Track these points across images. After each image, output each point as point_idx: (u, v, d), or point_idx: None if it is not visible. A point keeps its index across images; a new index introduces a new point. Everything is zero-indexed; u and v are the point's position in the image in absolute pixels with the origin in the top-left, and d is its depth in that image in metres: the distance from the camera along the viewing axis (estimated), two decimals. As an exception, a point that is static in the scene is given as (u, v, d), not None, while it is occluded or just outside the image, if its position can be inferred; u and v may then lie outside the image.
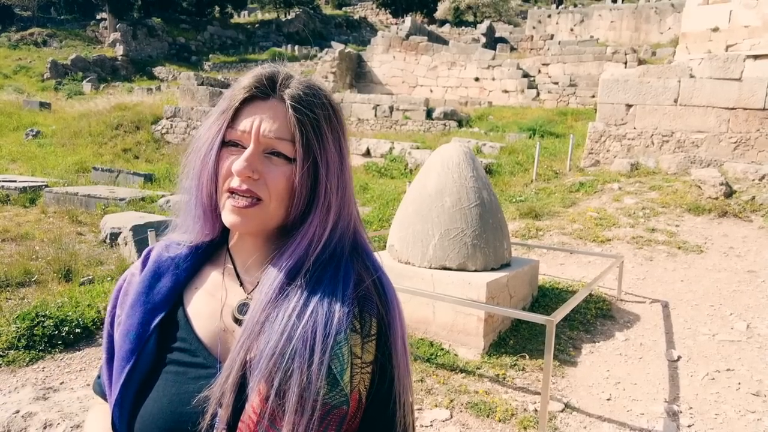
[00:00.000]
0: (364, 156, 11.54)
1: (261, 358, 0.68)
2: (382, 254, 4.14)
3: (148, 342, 0.76)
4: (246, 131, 0.73)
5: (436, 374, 3.18)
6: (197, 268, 0.83)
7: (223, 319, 0.77)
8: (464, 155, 3.77)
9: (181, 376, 0.74)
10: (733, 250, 5.50)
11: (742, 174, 7.27)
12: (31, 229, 6.25)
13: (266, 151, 0.73)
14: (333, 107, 0.78)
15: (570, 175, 8.79)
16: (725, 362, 3.47)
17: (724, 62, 8.16)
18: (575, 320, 4.01)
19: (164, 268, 0.82)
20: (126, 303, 0.80)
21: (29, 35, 26.10)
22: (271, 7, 36.03)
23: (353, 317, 0.73)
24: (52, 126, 13.74)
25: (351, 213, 0.80)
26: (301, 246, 0.75)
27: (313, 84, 0.77)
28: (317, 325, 0.69)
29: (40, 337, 3.50)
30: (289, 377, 0.67)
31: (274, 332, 0.69)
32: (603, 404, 3.01)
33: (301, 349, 0.68)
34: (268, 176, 0.73)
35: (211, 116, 0.77)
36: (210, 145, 0.75)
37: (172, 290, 0.80)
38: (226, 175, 0.74)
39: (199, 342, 0.76)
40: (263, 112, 0.74)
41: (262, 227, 0.75)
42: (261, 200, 0.73)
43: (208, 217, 0.79)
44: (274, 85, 0.75)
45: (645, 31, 23.91)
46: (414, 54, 19.53)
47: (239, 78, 0.79)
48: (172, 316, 0.79)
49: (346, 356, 0.70)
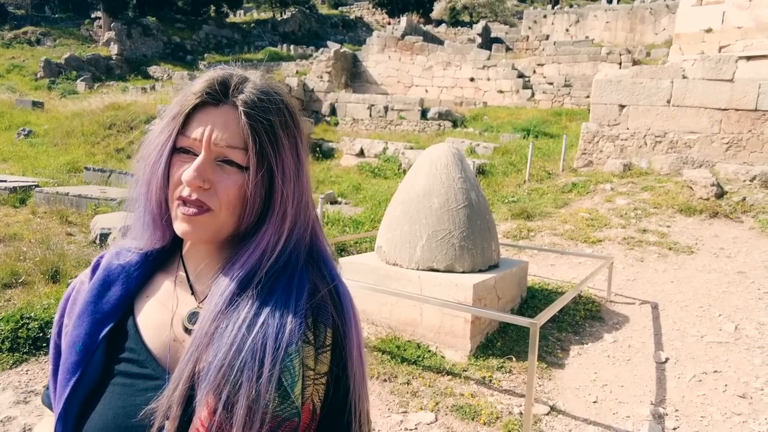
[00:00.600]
0: (358, 156, 11.52)
1: (209, 369, 0.66)
2: (370, 255, 4.12)
3: (96, 353, 0.74)
4: (197, 139, 0.71)
5: (422, 376, 3.16)
6: (149, 276, 0.81)
7: (173, 328, 0.75)
8: (452, 156, 3.76)
9: (128, 388, 0.72)
10: (724, 251, 5.51)
11: (733, 175, 7.28)
12: (19, 229, 6.20)
13: (218, 159, 0.71)
14: (290, 111, 0.76)
15: (563, 175, 8.79)
16: (712, 364, 3.46)
17: (716, 63, 8.18)
18: (564, 322, 4.01)
19: (114, 277, 0.79)
20: (74, 312, 0.78)
21: (23, 34, 25.95)
22: (267, 7, 35.96)
23: (306, 328, 0.71)
24: (44, 125, 13.66)
25: (308, 219, 0.79)
26: (254, 256, 0.73)
27: (269, 88, 0.75)
28: (267, 337, 0.68)
29: (24, 339, 3.47)
30: (237, 390, 0.65)
31: (223, 344, 0.68)
32: (589, 407, 3.00)
33: (250, 362, 0.66)
34: (219, 185, 0.71)
35: (161, 121, 0.75)
36: (160, 152, 0.73)
37: (121, 299, 0.78)
38: (176, 184, 0.72)
39: (147, 352, 0.74)
40: (215, 118, 0.72)
41: (214, 236, 0.74)
42: (211, 209, 0.72)
43: (158, 225, 0.78)
44: (227, 90, 0.73)
45: (640, 32, 23.97)
46: (409, 54, 19.52)
47: (192, 81, 0.76)
48: (121, 326, 0.77)
49: (297, 368, 0.68)
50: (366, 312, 3.78)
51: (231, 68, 0.77)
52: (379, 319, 3.74)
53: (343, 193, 8.71)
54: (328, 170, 10.91)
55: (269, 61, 23.42)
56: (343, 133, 14.02)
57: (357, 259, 4.04)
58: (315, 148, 12.50)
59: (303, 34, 31.31)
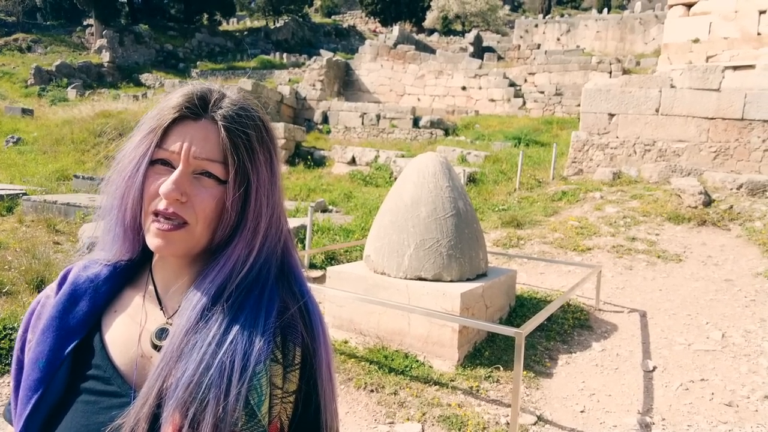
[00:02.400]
0: (350, 164, 11.52)
1: (177, 387, 0.66)
2: (359, 264, 4.11)
3: (59, 370, 0.73)
4: (175, 152, 0.71)
5: (409, 387, 3.14)
6: (117, 290, 0.80)
7: (141, 344, 0.74)
8: (440, 165, 3.77)
9: (92, 405, 0.71)
10: (711, 258, 5.55)
11: (720, 183, 7.35)
12: (5, 238, 6.13)
13: (195, 173, 0.72)
14: (265, 126, 0.77)
15: (553, 184, 8.83)
16: (699, 372, 3.47)
17: (703, 73, 8.28)
18: (552, 330, 4.01)
19: (81, 291, 0.78)
20: (38, 328, 0.76)
21: (13, 41, 25.83)
22: (259, 15, 36.05)
23: (275, 347, 0.71)
24: (33, 133, 13.57)
25: (280, 233, 0.79)
26: (224, 269, 0.73)
27: (246, 104, 0.76)
28: (236, 356, 0.68)
29: (6, 350, 3.41)
30: (204, 408, 0.65)
31: (191, 360, 0.67)
32: (576, 416, 2.99)
33: (217, 380, 0.66)
34: (196, 199, 0.71)
35: (137, 134, 0.75)
36: (137, 164, 0.72)
37: (88, 314, 0.77)
38: (152, 196, 0.72)
39: (114, 369, 0.73)
40: (194, 132, 0.72)
41: (188, 251, 0.73)
42: (187, 223, 0.71)
43: (128, 236, 0.77)
44: (206, 105, 0.73)
45: (630, 41, 24.27)
46: (401, 63, 19.62)
47: (168, 95, 0.76)
48: (88, 342, 0.75)
49: (264, 387, 0.68)
50: (354, 321, 3.76)
51: (208, 83, 0.77)
52: (367, 329, 3.72)
53: (334, 202, 8.69)
54: (320, 178, 10.90)
55: (262, 69, 23.45)
56: (335, 141, 14.03)
57: (346, 269, 4.03)
58: (307, 156, 12.49)
59: (296, 43, 31.40)
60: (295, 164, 12.25)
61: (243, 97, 0.77)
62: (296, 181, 10.54)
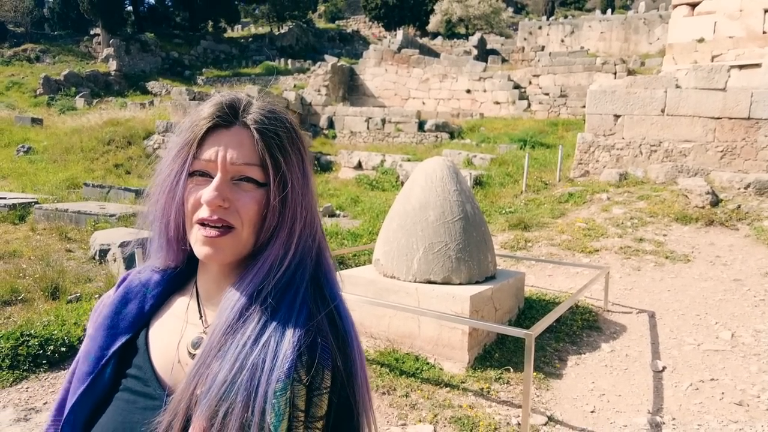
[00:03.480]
0: (356, 169, 11.58)
1: (211, 386, 0.68)
2: (368, 268, 4.15)
3: (107, 366, 0.77)
4: (212, 160, 0.73)
5: (420, 389, 3.18)
6: (166, 296, 0.83)
7: (178, 351, 0.77)
8: (447, 169, 3.81)
9: (131, 404, 0.74)
10: (720, 258, 5.54)
11: (728, 183, 7.34)
12: (19, 246, 6.22)
13: (234, 179, 0.73)
14: (295, 130, 0.78)
15: (559, 185, 8.84)
16: (709, 372, 3.48)
17: (708, 73, 8.28)
18: (561, 332, 4.03)
19: (133, 294, 0.83)
20: (95, 324, 0.82)
21: (22, 51, 26.17)
22: (264, 21, 36.31)
23: (300, 365, 0.70)
24: (43, 142, 13.73)
25: (314, 234, 0.79)
26: (262, 270, 0.74)
27: (274, 108, 0.78)
28: (267, 357, 0.69)
29: (24, 356, 3.48)
30: (231, 410, 0.66)
31: (226, 360, 0.69)
32: (587, 416, 3.01)
33: (247, 382, 0.67)
34: (239, 203, 0.72)
35: (173, 148, 0.77)
36: (176, 177, 0.74)
37: (136, 317, 0.81)
38: (195, 206, 0.73)
39: (152, 371, 0.76)
40: (228, 139, 0.74)
41: (236, 256, 0.74)
42: (233, 228, 0.73)
43: (171, 247, 0.80)
44: (236, 112, 0.75)
45: (634, 42, 24.23)
46: (406, 67, 19.69)
47: (198, 107, 0.78)
48: (134, 342, 0.80)
49: (283, 407, 0.67)
50: (364, 325, 3.80)
51: (235, 92, 0.80)
52: (377, 332, 3.76)
53: (341, 206, 8.75)
54: (327, 183, 10.97)
55: (267, 75, 23.60)
56: (341, 146, 14.10)
57: (355, 272, 4.07)
58: (313, 161, 12.58)
59: (300, 48, 31.58)
60: (302, 169, 12.30)
61: (270, 102, 0.80)
62: (303, 186, 10.58)
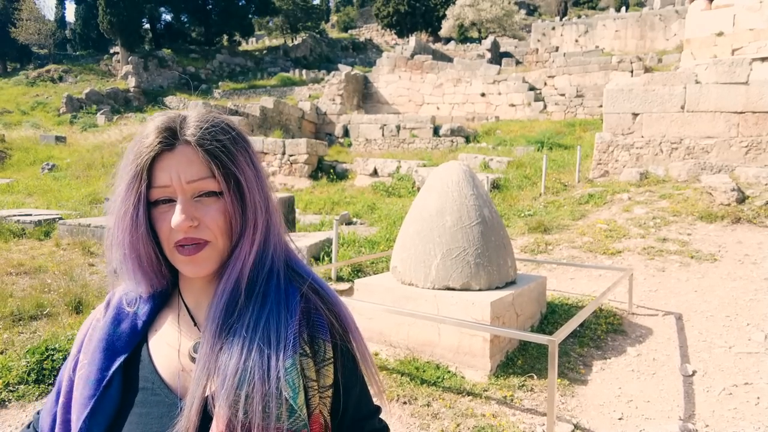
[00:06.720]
0: (372, 176, 11.58)
1: (225, 377, 0.71)
2: (386, 276, 4.12)
3: (111, 386, 0.78)
4: (168, 185, 0.74)
5: (442, 398, 3.12)
6: (156, 311, 0.85)
7: (181, 360, 0.79)
8: (463, 174, 3.76)
9: (146, 417, 0.76)
10: (749, 257, 5.37)
11: (754, 179, 7.13)
12: (44, 261, 6.35)
13: (194, 196, 0.75)
14: (233, 128, 0.80)
15: (579, 186, 8.71)
16: (743, 375, 3.36)
17: (729, 66, 8.09)
18: (585, 336, 3.93)
19: (124, 315, 0.84)
20: (89, 349, 0.82)
21: (46, 72, 26.92)
22: (278, 33, 36.76)
23: (302, 342, 0.76)
24: (66, 159, 14.06)
25: (277, 224, 0.83)
26: (237, 266, 0.77)
27: (208, 116, 0.79)
28: (270, 337, 0.73)
29: (49, 371, 3.53)
30: (252, 392, 0.70)
31: (234, 350, 0.73)
32: (614, 424, 2.92)
33: (259, 361, 0.72)
34: (207, 218, 0.75)
35: (120, 184, 0.77)
36: (134, 211, 0.75)
37: (131, 335, 0.82)
38: (167, 234, 0.75)
39: (161, 381, 0.78)
40: (176, 160, 0.75)
41: (219, 263, 0.78)
42: (209, 242, 0.76)
43: (148, 276, 0.81)
44: (174, 132, 0.76)
45: (650, 39, 23.87)
46: (419, 72, 19.70)
47: (138, 136, 0.78)
48: (136, 358, 0.81)
49: (297, 380, 0.73)
50: (383, 333, 3.76)
51: (167, 111, 0.82)
52: (396, 341, 3.72)
53: (358, 214, 8.74)
54: (343, 191, 10.98)
55: (282, 87, 23.85)
56: (357, 154, 14.13)
57: (373, 280, 4.04)
58: (329, 169, 12.62)
59: (314, 59, 31.86)
60: (318, 178, 12.37)
61: (203, 111, 0.81)
62: (320, 195, 10.64)
